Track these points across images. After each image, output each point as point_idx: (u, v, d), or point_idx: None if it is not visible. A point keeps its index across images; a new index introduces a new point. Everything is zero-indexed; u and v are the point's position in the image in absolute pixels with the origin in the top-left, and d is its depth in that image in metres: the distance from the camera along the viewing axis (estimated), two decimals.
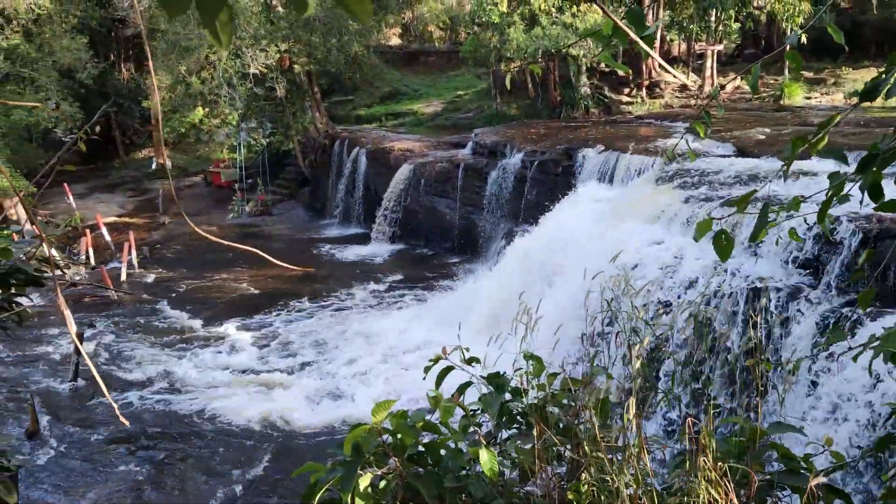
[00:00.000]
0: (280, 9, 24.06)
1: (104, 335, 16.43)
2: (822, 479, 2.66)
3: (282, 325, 16.91)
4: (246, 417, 12.59)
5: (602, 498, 2.78)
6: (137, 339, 16.28)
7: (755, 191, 2.77)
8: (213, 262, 21.23)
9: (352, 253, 22.71)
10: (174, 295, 19.27)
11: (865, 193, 2.47)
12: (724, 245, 2.74)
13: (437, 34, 43.01)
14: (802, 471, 2.73)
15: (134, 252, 21.66)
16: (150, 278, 20.87)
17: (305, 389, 13.54)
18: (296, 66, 24.70)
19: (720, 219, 2.76)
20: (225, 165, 29.72)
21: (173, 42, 22.40)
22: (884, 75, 2.38)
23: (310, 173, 28.77)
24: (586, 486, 2.82)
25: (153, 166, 32.17)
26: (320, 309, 17.80)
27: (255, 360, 15.04)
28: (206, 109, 24.54)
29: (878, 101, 2.50)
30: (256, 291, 19.34)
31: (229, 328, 16.67)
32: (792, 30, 21.97)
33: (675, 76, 26.46)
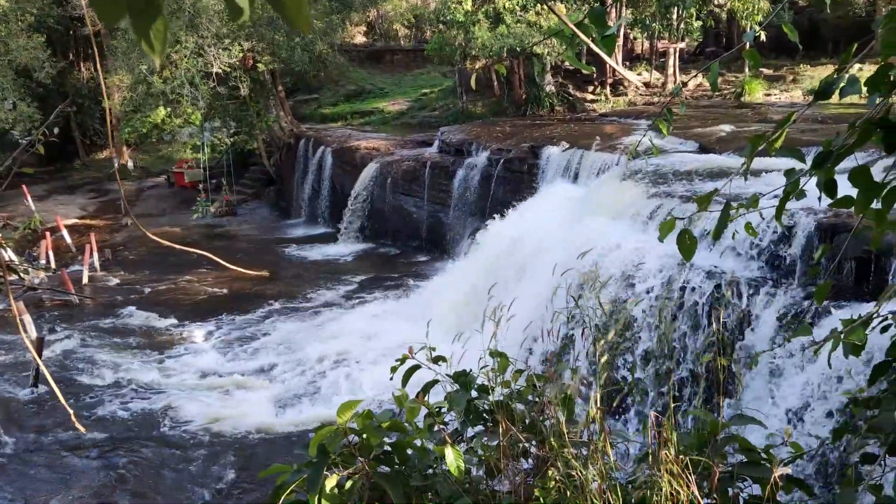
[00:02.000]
0: None
1: (66, 340, 16.13)
2: (786, 470, 2.71)
3: (248, 326, 16.75)
4: (212, 420, 12.46)
5: (568, 493, 2.81)
6: (101, 343, 16.01)
7: (716, 190, 2.81)
8: (177, 263, 20.95)
9: (318, 253, 22.58)
10: (138, 298, 18.99)
11: (821, 189, 2.52)
12: (687, 245, 2.77)
13: (403, 32, 42.94)
14: (763, 462, 2.78)
15: (96, 255, 21.29)
16: (113, 281, 20.54)
17: (272, 391, 13.45)
18: (259, 64, 24.48)
19: (683, 218, 2.79)
20: (188, 165, 29.35)
21: (133, 41, 22.06)
22: (836, 74, 2.43)
23: (275, 173, 28.55)
24: (553, 482, 2.84)
25: (115, 167, 31.67)
26: (287, 310, 17.67)
27: (222, 362, 14.89)
28: (169, 109, 24.20)
29: (834, 98, 2.55)
30: (222, 293, 19.14)
31: (195, 331, 16.48)
32: (751, 28, 22.32)
33: (629, 80, 26.69)
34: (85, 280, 20.17)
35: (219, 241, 24.16)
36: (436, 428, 3.02)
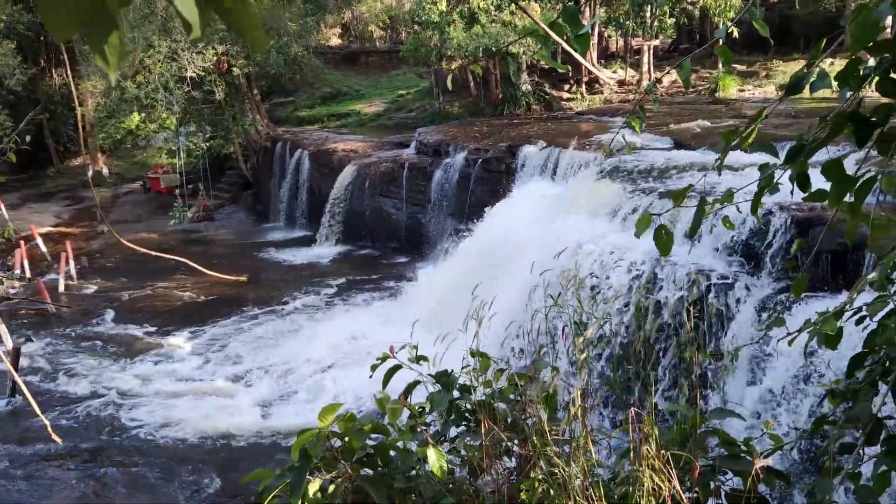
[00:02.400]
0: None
1: (44, 349, 15.93)
2: (767, 462, 2.74)
3: (228, 331, 16.64)
4: (193, 427, 12.36)
5: (552, 491, 2.82)
6: (79, 352, 15.83)
7: (690, 186, 2.83)
8: (155, 270, 20.74)
9: (297, 256, 22.47)
10: (116, 305, 18.79)
11: (794, 184, 2.55)
12: (664, 240, 2.79)
13: (378, 34, 42.85)
14: (743, 454, 2.80)
15: (72, 263, 21.03)
16: (91, 289, 20.31)
17: (253, 396, 13.36)
18: (234, 68, 24.32)
19: (658, 214, 2.81)
20: (164, 171, 29.10)
21: None
22: (806, 70, 2.46)
23: (252, 176, 28.39)
24: (536, 481, 2.84)
25: (89, 173, 31.32)
26: (267, 314, 17.58)
27: (202, 368, 14.77)
28: (143, 114, 23.99)
29: (806, 93, 2.58)
30: (201, 299, 18.99)
31: (174, 337, 16.34)
32: (723, 24, 22.53)
33: (602, 79, 26.82)
34: (61, 288, 19.92)
35: (196, 246, 23.98)
36: (418, 429, 3.02)
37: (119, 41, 1.04)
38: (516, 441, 3.06)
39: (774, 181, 2.57)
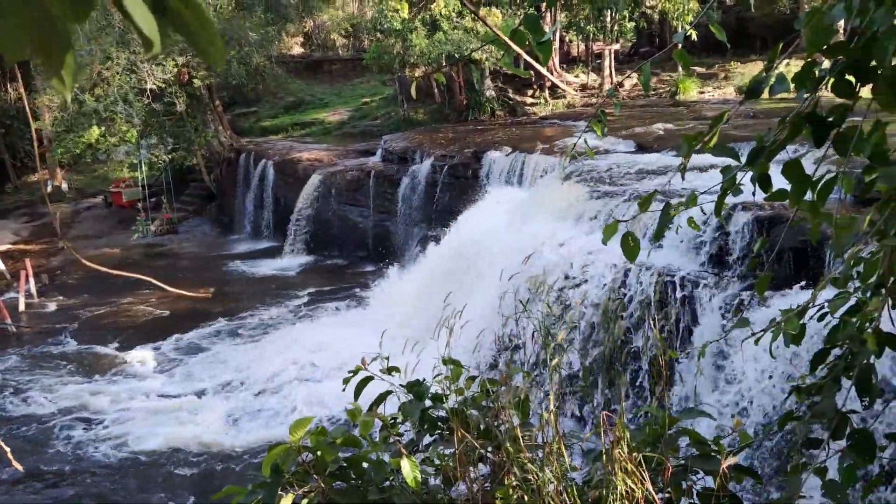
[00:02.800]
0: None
1: (3, 370, 15.57)
2: (734, 460, 2.77)
3: (193, 347, 16.42)
4: (160, 444, 12.16)
5: (526, 497, 2.82)
6: (42, 372, 15.49)
7: (656, 192, 2.86)
8: (118, 286, 20.39)
9: (264, 268, 22.27)
10: (78, 323, 18.44)
11: (756, 185, 2.58)
12: (631, 246, 2.81)
13: (340, 42, 42.73)
14: (713, 453, 2.83)
15: (32, 280, 20.60)
16: (52, 307, 19.90)
17: (221, 411, 13.19)
18: (195, 79, 24.08)
19: (625, 221, 2.83)
20: (126, 185, 28.67)
21: None
22: (765, 73, 2.50)
23: (216, 188, 28.10)
24: (511, 488, 2.84)
25: (48, 189, 30.73)
26: (234, 327, 17.38)
27: (167, 384, 14.54)
28: (103, 128, 23.62)
29: (765, 95, 2.62)
30: (167, 314, 18.72)
31: (139, 354, 16.06)
32: (682, 28, 22.87)
33: (560, 87, 27.06)
34: (21, 307, 19.50)
35: (161, 260, 23.66)
36: (391, 440, 3.00)
37: (73, 60, 1.02)
38: (489, 448, 3.06)
39: (737, 183, 2.61)
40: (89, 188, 32.05)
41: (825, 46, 2.33)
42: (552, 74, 27.22)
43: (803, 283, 8.53)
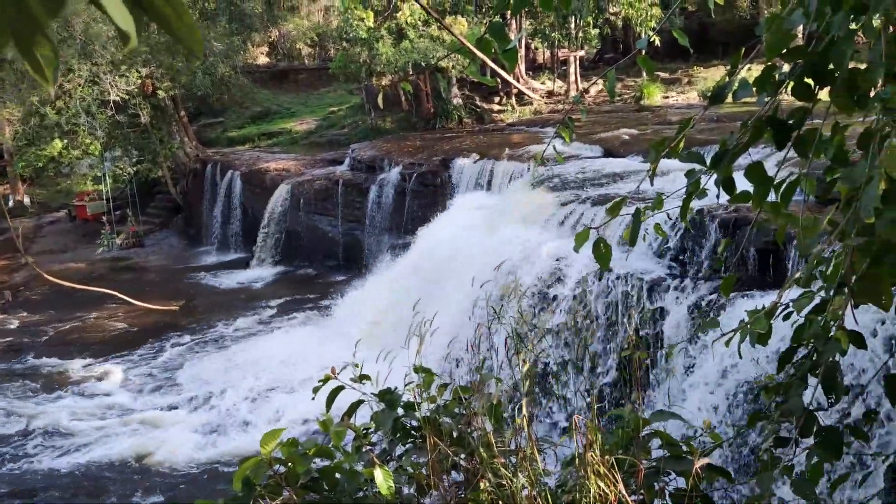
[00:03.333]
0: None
1: None
2: (705, 461, 2.79)
3: (163, 360, 16.20)
4: (131, 461, 11.97)
5: (500, 503, 2.82)
6: (4, 390, 15.16)
7: (625, 198, 2.88)
8: (84, 301, 20.04)
9: (232, 280, 22.04)
10: (44, 339, 18.10)
11: (720, 187, 2.62)
12: (603, 253, 2.83)
13: (306, 51, 42.56)
14: (685, 454, 2.85)
15: None
16: (14, 324, 19.50)
17: (192, 425, 13.02)
18: (159, 90, 23.82)
19: (596, 228, 2.85)
20: (90, 198, 28.21)
21: (22, 71, 21.11)
22: (728, 78, 2.54)
23: (182, 200, 27.79)
24: (485, 494, 2.84)
25: (9, 204, 30.14)
26: (202, 340, 17.18)
27: (137, 399, 14.33)
28: (65, 140, 23.24)
29: (728, 98, 2.66)
30: (134, 328, 18.44)
31: (107, 369, 15.80)
32: (646, 34, 23.16)
33: (527, 93, 27.23)
34: None
35: (127, 273, 23.31)
36: (364, 449, 2.98)
37: (53, 53, 1.00)
38: (463, 455, 3.05)
39: (702, 186, 2.64)
40: (52, 202, 31.49)
41: (785, 51, 2.37)
42: (519, 82, 27.38)
43: (765, 291, 8.66)
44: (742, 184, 2.62)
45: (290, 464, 2.71)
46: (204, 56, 23.57)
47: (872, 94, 2.28)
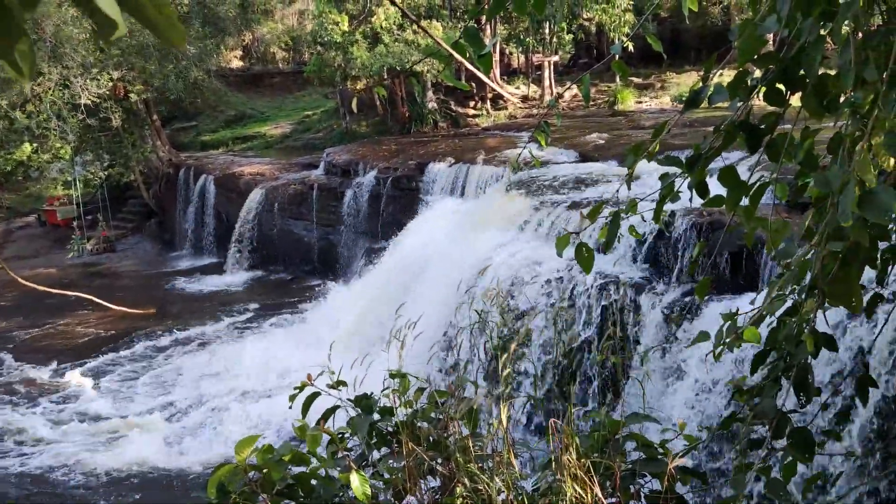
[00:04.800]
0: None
1: None
2: (679, 462, 2.81)
3: (136, 367, 15.99)
4: (101, 467, 11.80)
5: None
6: None
7: (604, 203, 2.89)
8: (55, 307, 19.76)
9: (206, 285, 21.84)
10: (13, 346, 17.79)
11: (693, 191, 2.65)
12: (585, 257, 2.84)
13: (280, 55, 42.34)
14: (660, 456, 2.87)
15: None
16: None
17: (167, 431, 12.87)
18: (131, 94, 23.55)
19: (577, 233, 2.86)
20: (60, 203, 27.82)
21: None
22: (703, 83, 2.56)
23: (155, 205, 27.50)
24: (461, 499, 2.83)
25: None
26: (176, 346, 16.99)
27: (110, 405, 14.13)
28: (35, 144, 22.90)
29: (703, 104, 2.69)
30: (105, 334, 18.20)
31: (79, 376, 15.56)
32: (619, 39, 23.35)
33: (507, 97, 27.32)
34: None
35: (99, 279, 23.00)
36: (340, 455, 2.97)
37: (29, 48, 0.99)
38: (439, 460, 3.05)
39: (675, 190, 2.66)
40: (22, 207, 30.99)
41: (756, 56, 2.40)
42: (495, 85, 27.46)
43: (737, 294, 8.76)
44: (715, 188, 2.65)
45: (265, 470, 2.69)
46: (176, 59, 23.36)
47: (842, 99, 2.31)
